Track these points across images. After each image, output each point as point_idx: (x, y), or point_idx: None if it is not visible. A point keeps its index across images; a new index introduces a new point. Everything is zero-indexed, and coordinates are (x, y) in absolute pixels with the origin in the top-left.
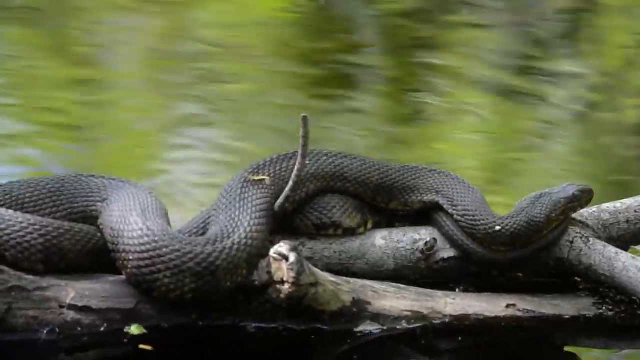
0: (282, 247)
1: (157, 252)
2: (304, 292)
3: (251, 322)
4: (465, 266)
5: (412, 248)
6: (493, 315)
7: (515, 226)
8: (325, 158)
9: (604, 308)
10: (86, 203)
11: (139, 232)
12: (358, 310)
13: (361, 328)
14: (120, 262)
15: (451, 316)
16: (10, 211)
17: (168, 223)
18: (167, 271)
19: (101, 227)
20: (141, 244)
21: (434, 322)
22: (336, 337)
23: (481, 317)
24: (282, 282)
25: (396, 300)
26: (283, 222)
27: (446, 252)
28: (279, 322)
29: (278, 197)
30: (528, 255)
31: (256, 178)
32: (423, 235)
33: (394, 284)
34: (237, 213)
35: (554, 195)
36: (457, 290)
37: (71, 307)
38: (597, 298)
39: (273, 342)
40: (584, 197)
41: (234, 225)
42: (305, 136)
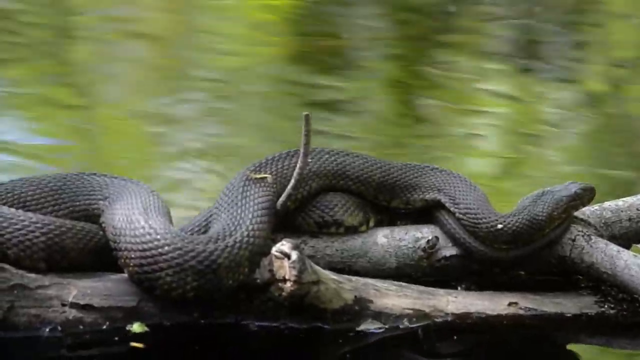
0: (284, 245)
1: (159, 251)
2: (306, 291)
3: (253, 321)
4: (467, 264)
5: (414, 246)
6: (495, 313)
7: (517, 224)
8: (327, 156)
9: (606, 306)
10: (88, 201)
11: (141, 231)
12: (360, 308)
13: (363, 326)
14: (122, 261)
15: (453, 314)
16: (12, 209)
17: (170, 221)
18: (169, 269)
19: (103, 226)
20: (143, 242)
21: (436, 321)
22: (338, 336)
23: (483, 316)
24: (284, 281)
25: (398, 298)
26: (285, 220)
27: (448, 251)
28: (281, 321)
29: (280, 195)
30: (530, 253)
31: (258, 176)
32: (425, 233)
33: (396, 282)
34: (239, 211)
35: (556, 193)
36: (459, 288)
37: (73, 305)
38: (599, 296)
39: (275, 341)
40: (586, 195)
41: (236, 223)
42: (307, 134)
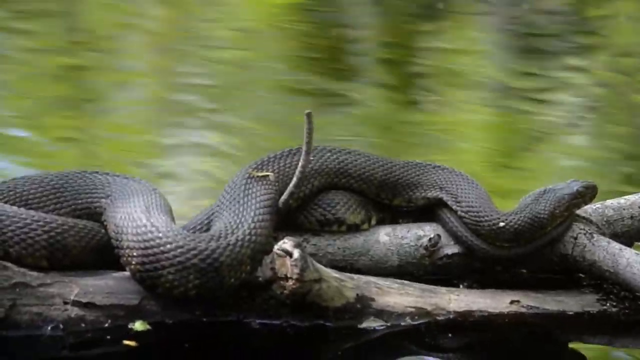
0: (286, 244)
1: (161, 249)
2: (308, 288)
3: (255, 319)
4: (469, 262)
5: (416, 244)
6: (497, 311)
7: (519, 222)
8: (329, 154)
9: (608, 304)
10: (90, 199)
11: (143, 229)
12: (362, 306)
13: (365, 324)
14: (124, 259)
15: (455, 312)
16: (14, 207)
17: (172, 219)
18: (171, 267)
19: (105, 224)
20: (145, 241)
21: (438, 319)
22: (340, 334)
23: (485, 314)
24: (286, 279)
25: (400, 296)
26: (287, 219)
27: (450, 249)
28: (283, 319)
29: (282, 194)
30: (532, 251)
31: (260, 174)
32: (427, 231)
33: (398, 280)
34: (241, 209)
35: (558, 191)
36: (461, 286)
37: (75, 304)
38: (601, 294)
39: (277, 338)
40: (588, 193)
41: (238, 221)
42: (309, 132)
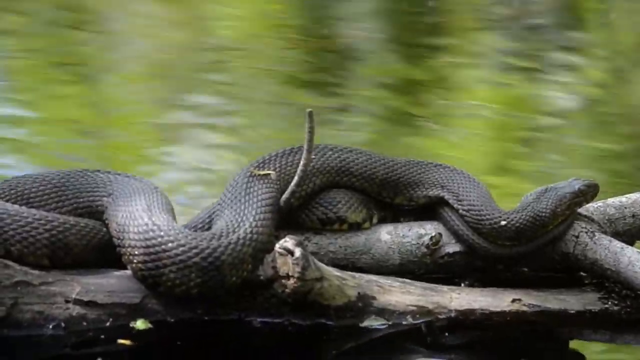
0: (288, 242)
1: (163, 247)
2: (310, 287)
3: (256, 317)
4: (470, 261)
5: (418, 243)
6: (498, 310)
7: (520, 221)
8: (330, 153)
9: (610, 303)
10: (92, 198)
11: (145, 227)
12: (363, 305)
13: (366, 323)
14: (125, 257)
15: (456, 311)
16: (15, 206)
17: (173, 218)
18: (173, 266)
19: (107, 222)
20: (147, 239)
21: (440, 317)
22: (341, 332)
23: (487, 312)
24: (288, 277)
25: (401, 295)
26: (288, 217)
27: (451, 247)
28: (285, 317)
29: (283, 192)
30: (533, 250)
31: (261, 173)
32: (428, 230)
33: (400, 279)
34: (243, 208)
35: (560, 190)
36: (463, 285)
37: (77, 302)
38: (603, 293)
39: (278, 337)
40: (590, 192)
41: (240, 220)
42: (310, 131)
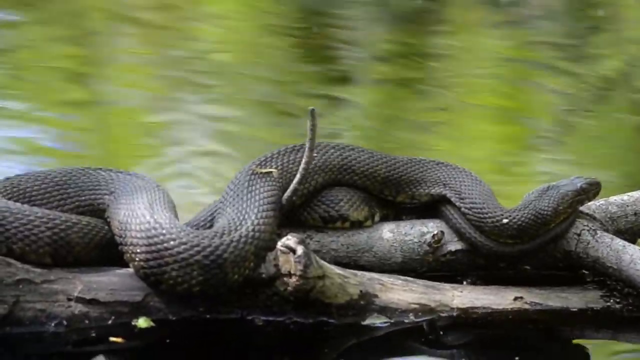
0: (290, 240)
1: (165, 245)
2: (312, 285)
3: (258, 315)
4: (472, 259)
5: (420, 241)
6: (500, 308)
7: (522, 219)
8: (332, 151)
9: (612, 301)
10: (94, 196)
11: (147, 225)
12: (365, 303)
13: (368, 321)
14: (128, 255)
15: (459, 309)
16: (17, 204)
17: (176, 216)
18: (175, 264)
19: (109, 220)
20: (149, 237)
21: (442, 315)
22: (343, 330)
23: (489, 310)
24: (290, 275)
25: (403, 293)
26: (290, 215)
27: (454, 245)
28: (287, 315)
29: (285, 190)
30: (535, 248)
31: (263, 171)
32: (430, 228)
33: (402, 277)
34: (245, 206)
35: (562, 188)
36: (465, 283)
37: (79, 300)
38: (605, 291)
39: (280, 335)
40: (592, 190)
41: (242, 218)
42: (312, 129)
